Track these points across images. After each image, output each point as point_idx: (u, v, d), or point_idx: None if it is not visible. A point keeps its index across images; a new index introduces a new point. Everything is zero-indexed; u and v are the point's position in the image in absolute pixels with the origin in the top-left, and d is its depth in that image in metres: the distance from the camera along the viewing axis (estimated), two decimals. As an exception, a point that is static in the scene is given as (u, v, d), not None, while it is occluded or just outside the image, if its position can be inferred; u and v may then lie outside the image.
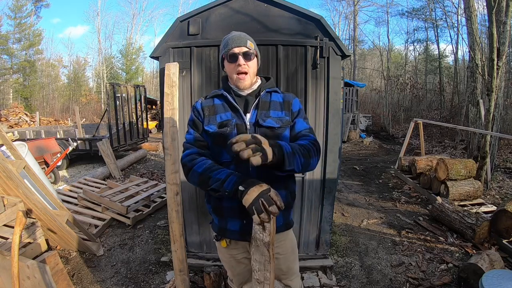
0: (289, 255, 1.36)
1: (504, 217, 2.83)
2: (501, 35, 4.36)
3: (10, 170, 2.20)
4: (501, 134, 4.88)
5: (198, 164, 1.14)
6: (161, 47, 2.29)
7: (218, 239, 1.29)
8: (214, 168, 1.11)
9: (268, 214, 0.93)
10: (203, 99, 1.31)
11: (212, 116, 1.24)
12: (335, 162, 2.39)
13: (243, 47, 1.22)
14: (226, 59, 1.24)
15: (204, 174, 1.10)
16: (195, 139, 1.24)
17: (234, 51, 1.21)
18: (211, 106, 1.27)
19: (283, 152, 0.98)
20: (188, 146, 1.23)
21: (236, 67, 1.22)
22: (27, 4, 19.98)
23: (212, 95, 1.30)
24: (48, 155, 5.48)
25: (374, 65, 20.86)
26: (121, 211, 3.48)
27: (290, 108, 1.29)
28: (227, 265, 1.40)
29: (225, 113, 1.24)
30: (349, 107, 11.48)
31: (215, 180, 1.06)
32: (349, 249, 2.93)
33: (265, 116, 1.23)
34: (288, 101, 1.29)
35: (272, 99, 1.29)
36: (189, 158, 1.18)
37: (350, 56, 16.61)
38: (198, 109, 1.28)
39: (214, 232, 1.32)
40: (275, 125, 1.21)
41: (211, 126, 1.22)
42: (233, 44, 1.21)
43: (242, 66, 1.21)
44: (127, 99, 7.13)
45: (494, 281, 1.70)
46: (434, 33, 16.46)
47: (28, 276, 1.76)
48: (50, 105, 20.43)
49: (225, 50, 1.24)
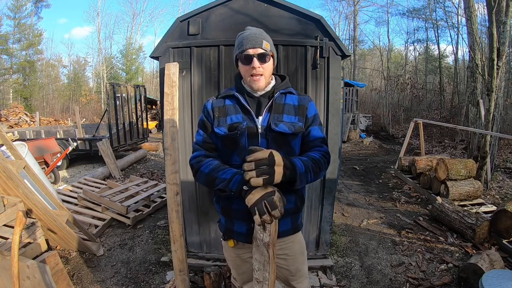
0: (298, 256, 1.34)
1: (504, 217, 2.83)
2: (501, 35, 4.36)
3: (10, 170, 2.20)
4: (501, 134, 4.88)
5: (204, 165, 1.14)
6: (161, 47, 2.29)
7: (226, 239, 1.28)
8: (220, 168, 1.10)
9: (270, 216, 0.93)
10: (214, 99, 1.27)
11: (222, 118, 1.20)
12: (335, 162, 2.39)
13: (258, 49, 1.14)
14: (240, 60, 1.18)
15: (210, 174, 1.10)
16: (204, 140, 1.22)
17: (248, 53, 1.14)
18: (221, 107, 1.23)
19: (296, 174, 1.01)
20: (196, 148, 1.23)
21: (250, 69, 1.16)
22: (26, 4, 20.00)
23: (223, 95, 1.26)
24: (48, 155, 5.48)
25: (374, 65, 20.84)
26: (121, 211, 3.48)
27: (305, 113, 1.23)
28: (232, 264, 1.39)
29: (236, 115, 1.20)
30: (349, 107, 11.48)
31: (221, 180, 1.06)
32: (349, 249, 2.93)
33: (278, 120, 1.18)
34: (303, 106, 1.24)
35: (286, 102, 1.23)
36: (196, 160, 1.18)
37: (350, 56, 16.59)
38: (208, 110, 1.24)
39: (221, 231, 1.31)
40: (287, 131, 1.17)
41: (221, 128, 1.19)
42: (248, 44, 1.14)
43: (256, 69, 1.15)
44: (127, 99, 7.13)
45: (494, 281, 1.70)
46: (434, 33, 16.46)
47: (28, 276, 1.76)
48: (50, 105, 20.43)
49: (239, 50, 1.17)
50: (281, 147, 1.15)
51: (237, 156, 1.17)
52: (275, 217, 0.93)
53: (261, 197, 0.93)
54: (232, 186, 1.03)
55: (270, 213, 0.92)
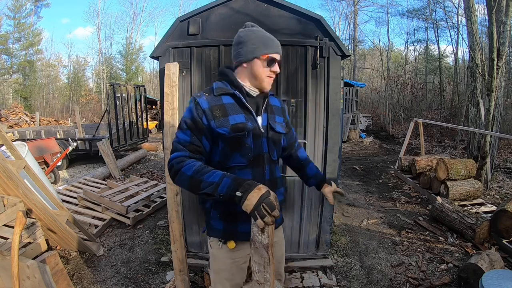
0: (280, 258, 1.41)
1: (504, 217, 2.83)
2: (501, 35, 4.37)
3: (10, 170, 2.20)
4: (501, 134, 4.88)
5: (186, 166, 1.04)
6: (161, 47, 2.29)
7: (225, 242, 1.22)
8: (205, 171, 1.01)
9: (271, 217, 0.91)
10: (207, 96, 1.17)
11: (224, 118, 1.14)
12: (335, 162, 2.39)
13: (279, 55, 1.20)
14: (265, 60, 1.17)
15: (194, 177, 1.01)
16: (191, 141, 1.11)
17: (275, 57, 1.18)
18: (220, 105, 1.16)
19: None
20: (180, 148, 1.10)
21: (270, 72, 1.19)
22: (26, 4, 20.00)
23: (220, 93, 1.19)
24: (48, 155, 5.48)
25: (374, 65, 20.84)
26: (121, 211, 3.47)
27: (285, 114, 1.38)
28: (226, 274, 1.28)
29: (238, 115, 1.16)
30: (349, 107, 11.48)
31: (207, 183, 0.98)
32: (349, 249, 2.93)
33: (274, 121, 1.26)
34: (283, 108, 1.37)
35: (274, 104, 1.32)
36: (177, 160, 1.07)
37: (350, 56, 16.61)
38: (204, 109, 1.13)
39: (215, 237, 1.24)
40: (282, 131, 1.29)
41: (224, 128, 1.13)
42: (276, 49, 1.19)
43: (275, 74, 1.20)
44: (127, 99, 7.12)
45: (494, 281, 1.70)
46: (434, 33, 16.46)
47: (28, 276, 1.76)
48: (50, 105, 20.44)
49: (267, 50, 1.17)
50: (276, 146, 1.27)
51: (241, 157, 1.16)
52: (275, 217, 0.91)
53: (258, 200, 0.90)
54: (221, 190, 0.96)
55: (271, 214, 0.91)
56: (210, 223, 1.24)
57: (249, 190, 0.92)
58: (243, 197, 0.92)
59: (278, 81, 2.27)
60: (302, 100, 2.30)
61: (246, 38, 1.17)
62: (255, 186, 0.93)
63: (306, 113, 2.31)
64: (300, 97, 2.30)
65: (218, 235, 1.23)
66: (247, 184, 0.94)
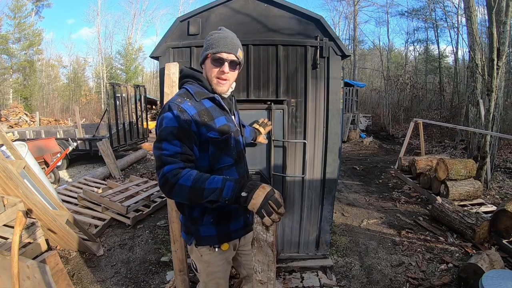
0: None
1: (504, 217, 2.83)
2: (501, 35, 4.36)
3: (10, 170, 2.20)
4: (501, 134, 4.88)
5: (183, 177, 0.98)
6: (161, 47, 2.29)
7: (219, 246, 1.22)
8: (203, 178, 0.98)
9: (278, 214, 0.92)
10: (190, 101, 1.13)
11: (211, 122, 1.15)
12: (335, 162, 2.39)
13: (232, 55, 1.16)
14: (211, 60, 1.17)
15: (194, 187, 0.97)
16: (183, 152, 1.05)
17: (221, 56, 1.15)
18: (204, 110, 1.15)
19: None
20: (170, 160, 1.02)
21: (219, 73, 1.17)
22: (26, 4, 19.99)
23: (201, 98, 1.17)
24: (48, 155, 5.48)
25: (374, 65, 20.83)
26: (121, 211, 3.47)
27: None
28: (220, 274, 1.29)
29: (220, 117, 1.19)
30: (349, 107, 11.48)
31: (210, 191, 0.96)
32: (349, 249, 2.93)
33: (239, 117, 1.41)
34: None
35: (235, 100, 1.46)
36: (172, 173, 1.00)
37: (350, 56, 16.60)
38: (191, 115, 1.10)
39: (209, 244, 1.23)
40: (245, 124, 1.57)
41: (213, 132, 1.14)
42: (223, 48, 1.14)
43: (225, 75, 1.17)
44: (127, 99, 7.12)
45: (494, 281, 1.70)
46: (434, 33, 16.48)
47: (28, 276, 1.76)
48: (50, 105, 20.41)
49: (212, 50, 1.15)
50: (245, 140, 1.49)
51: (228, 156, 1.21)
52: (281, 214, 0.92)
53: (264, 198, 0.91)
54: (226, 194, 0.95)
55: (277, 211, 0.91)
56: (200, 232, 1.21)
57: (254, 190, 0.93)
58: (248, 197, 0.93)
59: (278, 81, 2.27)
60: (302, 100, 2.30)
61: (205, 41, 1.22)
62: (259, 185, 0.95)
63: (306, 113, 2.31)
64: (300, 97, 2.30)
65: (211, 242, 1.22)
66: (251, 184, 0.95)
